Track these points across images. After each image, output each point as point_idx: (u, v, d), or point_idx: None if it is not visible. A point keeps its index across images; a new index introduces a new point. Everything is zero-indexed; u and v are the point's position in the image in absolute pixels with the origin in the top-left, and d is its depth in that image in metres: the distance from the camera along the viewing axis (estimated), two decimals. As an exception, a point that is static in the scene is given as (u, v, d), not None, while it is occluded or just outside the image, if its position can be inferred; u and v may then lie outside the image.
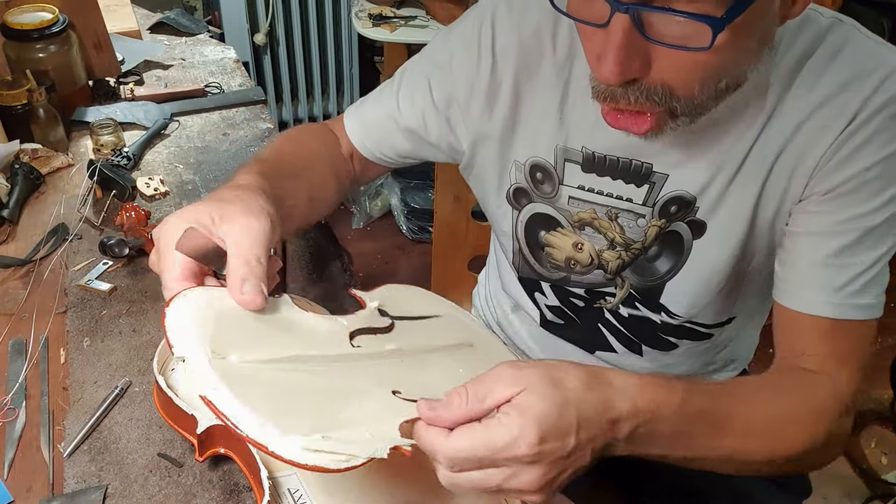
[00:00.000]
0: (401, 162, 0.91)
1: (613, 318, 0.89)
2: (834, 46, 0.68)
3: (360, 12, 2.31)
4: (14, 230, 1.05)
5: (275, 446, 0.49)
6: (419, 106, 0.85)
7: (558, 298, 0.92)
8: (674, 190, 0.76)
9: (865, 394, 2.04)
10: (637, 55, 0.57)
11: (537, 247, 0.87)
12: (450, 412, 0.53)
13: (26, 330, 0.88)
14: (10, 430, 0.76)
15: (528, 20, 0.78)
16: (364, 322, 0.68)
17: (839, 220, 0.68)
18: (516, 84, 0.79)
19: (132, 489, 0.71)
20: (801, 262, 0.71)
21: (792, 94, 0.69)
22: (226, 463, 0.73)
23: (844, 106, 0.66)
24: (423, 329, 0.73)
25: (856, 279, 0.69)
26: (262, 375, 0.55)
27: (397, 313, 0.72)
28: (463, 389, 0.53)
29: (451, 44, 0.83)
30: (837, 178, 0.68)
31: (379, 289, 0.75)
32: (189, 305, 0.58)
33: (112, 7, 1.55)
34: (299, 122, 2.88)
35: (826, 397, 0.69)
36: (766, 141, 0.70)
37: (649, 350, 0.91)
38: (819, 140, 0.68)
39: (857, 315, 0.70)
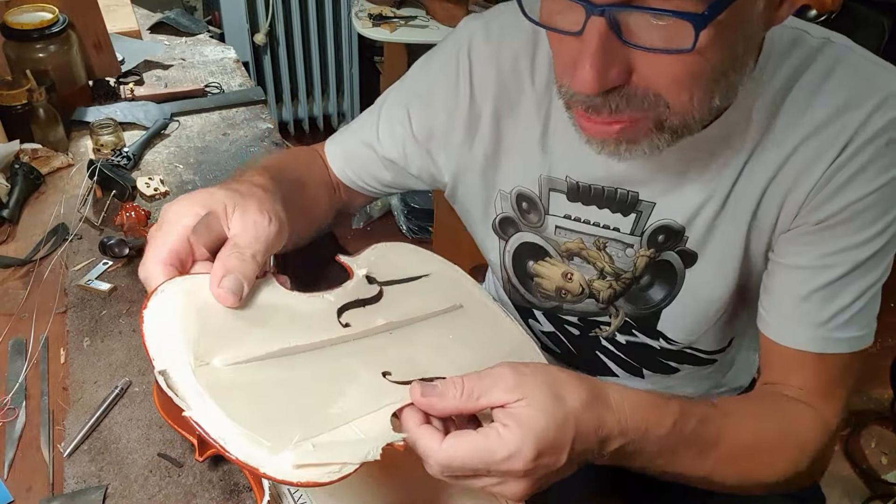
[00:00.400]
0: (385, 191, 0.91)
1: (611, 345, 0.88)
2: (825, 69, 0.65)
3: (360, 12, 2.31)
4: (14, 230, 1.05)
5: (266, 468, 0.48)
6: (399, 137, 0.84)
7: (553, 326, 0.90)
8: (661, 219, 0.73)
9: (865, 394, 2.04)
10: (615, 62, 0.54)
11: (526, 277, 0.86)
12: (442, 403, 0.52)
13: (26, 330, 0.88)
14: (10, 430, 0.76)
15: (505, 49, 0.77)
16: (352, 294, 0.66)
17: (828, 252, 0.66)
18: (496, 115, 0.78)
19: (132, 489, 0.71)
20: (787, 295, 0.69)
21: (781, 120, 0.66)
22: (226, 463, 0.73)
23: (837, 134, 0.63)
24: (412, 293, 0.71)
25: (842, 312, 0.67)
26: (249, 378, 0.54)
27: (385, 278, 0.70)
28: (460, 381, 0.53)
29: (430, 73, 0.82)
30: (828, 209, 0.65)
31: (365, 252, 0.73)
32: (168, 304, 0.56)
33: (112, 7, 1.55)
34: (299, 122, 2.88)
35: (812, 427, 0.68)
36: (755, 169, 0.68)
37: (651, 374, 0.89)
38: (810, 169, 0.65)
39: (843, 348, 0.68)
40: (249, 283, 0.58)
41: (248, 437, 0.49)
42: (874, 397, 2.03)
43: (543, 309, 0.89)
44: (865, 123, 0.62)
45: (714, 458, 0.62)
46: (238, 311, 0.58)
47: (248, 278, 0.58)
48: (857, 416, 1.99)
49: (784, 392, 0.70)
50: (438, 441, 0.51)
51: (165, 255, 0.58)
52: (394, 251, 0.76)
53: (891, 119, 0.62)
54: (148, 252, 0.59)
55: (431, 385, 0.53)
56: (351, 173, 0.89)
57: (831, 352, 0.68)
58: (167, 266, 0.58)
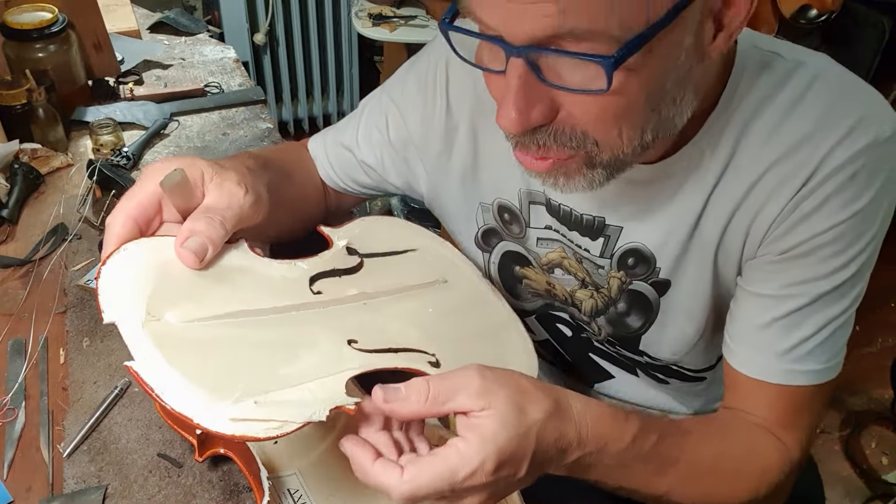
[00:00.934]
0: (368, 193, 0.90)
1: (602, 346, 0.87)
2: (794, 95, 0.63)
3: (360, 12, 2.31)
4: (13, 230, 1.05)
5: (200, 418, 0.47)
6: (376, 142, 0.84)
7: (545, 330, 0.90)
8: (629, 242, 0.72)
9: (865, 394, 2.04)
10: (538, 101, 0.53)
11: (514, 281, 0.85)
12: (406, 408, 0.52)
13: (26, 330, 0.88)
14: (10, 431, 0.76)
15: None
16: (328, 264, 0.65)
17: (790, 282, 0.65)
18: (473, 127, 0.78)
19: (132, 489, 0.71)
20: (748, 322, 0.68)
21: (748, 148, 0.64)
22: (225, 463, 0.73)
23: (802, 164, 0.61)
24: (394, 266, 0.69)
25: (803, 344, 0.65)
26: (201, 334, 0.53)
27: (368, 250, 0.69)
28: (424, 386, 0.52)
29: (408, 82, 0.82)
30: (791, 240, 0.63)
31: (350, 223, 0.72)
32: (127, 262, 0.55)
33: (111, 7, 1.54)
34: (299, 122, 2.88)
35: (773, 455, 0.67)
36: (721, 195, 0.66)
37: (644, 377, 0.88)
38: (774, 198, 0.63)
39: (804, 381, 0.66)
40: (215, 248, 0.57)
41: (188, 388, 0.48)
42: (874, 397, 2.03)
43: (535, 311, 0.88)
44: (830, 154, 0.60)
45: (672, 477, 0.61)
46: (202, 272, 0.57)
47: (214, 242, 0.57)
48: (857, 416, 1.99)
49: (747, 418, 0.69)
50: (398, 475, 0.50)
51: (132, 206, 0.58)
52: (381, 224, 0.74)
53: (856, 151, 0.60)
54: (119, 203, 0.59)
55: (394, 388, 0.52)
56: (332, 174, 0.89)
57: (791, 384, 0.66)
58: (129, 218, 0.58)
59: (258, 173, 0.68)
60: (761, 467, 0.66)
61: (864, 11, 1.94)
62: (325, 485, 0.67)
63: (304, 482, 0.67)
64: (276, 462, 0.68)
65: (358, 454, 0.52)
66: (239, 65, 1.54)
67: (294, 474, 0.67)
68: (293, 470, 0.68)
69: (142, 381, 0.48)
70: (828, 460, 1.88)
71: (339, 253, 0.67)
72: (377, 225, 0.73)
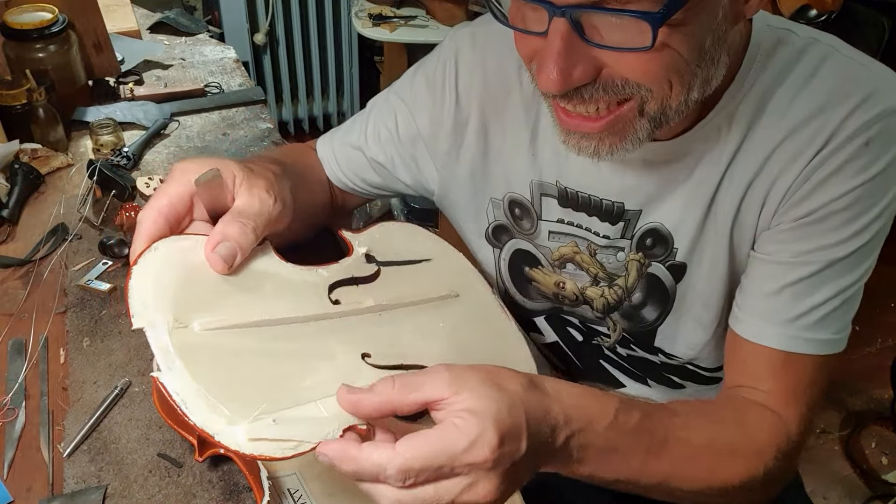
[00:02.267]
0: (376, 193, 0.91)
1: (613, 354, 0.87)
2: (809, 69, 0.65)
3: (360, 12, 2.31)
4: (14, 230, 1.05)
5: (221, 437, 0.48)
6: (385, 141, 0.84)
7: (556, 332, 0.89)
8: (649, 222, 0.73)
9: (865, 394, 2.04)
10: (580, 61, 0.54)
11: (524, 281, 0.85)
12: (372, 398, 0.49)
13: (26, 330, 0.88)
14: (10, 431, 0.76)
15: (491, 55, 0.77)
16: (347, 272, 0.66)
17: (803, 250, 0.65)
18: (483, 121, 0.78)
19: (132, 489, 0.71)
20: (758, 289, 0.68)
21: (763, 122, 0.66)
22: (226, 463, 0.73)
23: (816, 132, 0.63)
24: (409, 276, 0.70)
25: (813, 311, 0.65)
26: (224, 344, 0.54)
27: (385, 258, 0.70)
28: (390, 380, 0.50)
29: (417, 81, 0.82)
30: (806, 206, 0.64)
31: (370, 229, 0.72)
32: (156, 262, 0.56)
33: (112, 7, 1.54)
34: (299, 122, 2.88)
35: (771, 434, 0.66)
36: (737, 170, 0.67)
37: (657, 385, 0.87)
38: (790, 167, 0.64)
39: (811, 349, 0.66)
40: (243, 254, 0.58)
41: (209, 403, 0.49)
42: (874, 397, 2.03)
43: (545, 313, 0.88)
44: (844, 122, 0.62)
45: (666, 460, 0.59)
46: (227, 277, 0.58)
47: (244, 248, 0.58)
48: (857, 416, 1.98)
49: (747, 396, 0.68)
50: (391, 447, 0.47)
51: (164, 204, 0.59)
52: (401, 231, 0.74)
53: (869, 119, 0.62)
54: (150, 200, 0.60)
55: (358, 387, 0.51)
56: (341, 174, 0.89)
57: (799, 352, 0.66)
58: (161, 215, 0.59)
59: (283, 180, 0.69)
60: (758, 446, 0.65)
61: (864, 11, 1.94)
62: (325, 485, 0.67)
63: (304, 482, 0.67)
64: (277, 462, 0.68)
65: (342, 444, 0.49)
66: (239, 65, 1.54)
67: (294, 474, 0.67)
68: (293, 470, 0.68)
69: (168, 394, 0.49)
70: (828, 460, 1.88)
71: (358, 260, 0.68)
72: (398, 231, 0.74)
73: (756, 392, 0.68)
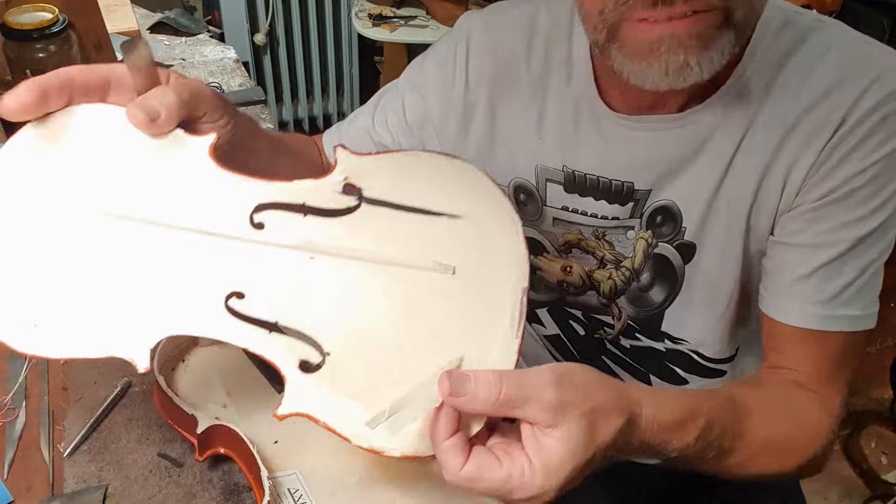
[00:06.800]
0: None
1: (616, 349, 0.87)
2: (819, 48, 0.66)
3: (360, 12, 2.31)
4: (14, 230, 1.05)
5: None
6: (393, 126, 0.84)
7: (557, 325, 0.89)
8: (658, 200, 0.73)
9: (865, 394, 2.04)
10: None
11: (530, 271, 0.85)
12: (470, 406, 0.48)
13: (26, 330, 0.88)
14: (10, 430, 0.76)
15: (502, 39, 0.77)
16: (300, 195, 0.50)
17: (828, 229, 0.66)
18: (491, 104, 0.78)
19: (132, 489, 0.71)
20: (789, 273, 0.68)
21: (775, 99, 0.66)
22: (226, 463, 0.73)
23: (833, 110, 0.64)
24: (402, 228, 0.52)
25: (845, 290, 0.67)
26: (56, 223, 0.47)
27: (380, 195, 0.51)
28: (497, 387, 0.47)
29: (426, 65, 0.83)
30: (827, 185, 0.65)
31: (386, 153, 0.53)
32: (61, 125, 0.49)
33: (112, 7, 1.54)
34: (299, 122, 2.88)
35: (819, 417, 0.68)
36: (751, 150, 0.68)
37: (659, 382, 0.87)
38: (809, 146, 0.65)
39: (846, 326, 0.67)
40: (168, 114, 0.50)
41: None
42: (874, 397, 2.03)
43: (548, 304, 0.88)
44: (861, 98, 0.63)
45: (727, 464, 0.61)
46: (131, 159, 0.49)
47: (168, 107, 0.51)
48: (857, 416, 1.98)
49: (789, 378, 0.69)
50: (460, 464, 0.48)
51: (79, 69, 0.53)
52: (435, 168, 0.53)
53: (886, 94, 0.63)
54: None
55: (463, 377, 0.47)
56: None
57: (833, 329, 0.67)
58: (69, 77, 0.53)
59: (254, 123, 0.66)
60: (811, 432, 0.67)
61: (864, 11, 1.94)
62: (325, 485, 0.67)
63: (304, 482, 0.67)
64: (277, 461, 0.68)
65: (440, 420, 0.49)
66: (239, 65, 1.54)
67: (294, 474, 0.67)
68: (293, 469, 0.68)
69: None
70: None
71: (329, 185, 0.51)
72: (427, 167, 0.53)
73: (797, 374, 0.69)
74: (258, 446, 0.65)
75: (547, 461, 0.47)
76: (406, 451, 0.49)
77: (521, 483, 0.48)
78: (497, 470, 0.48)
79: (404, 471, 0.68)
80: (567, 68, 0.75)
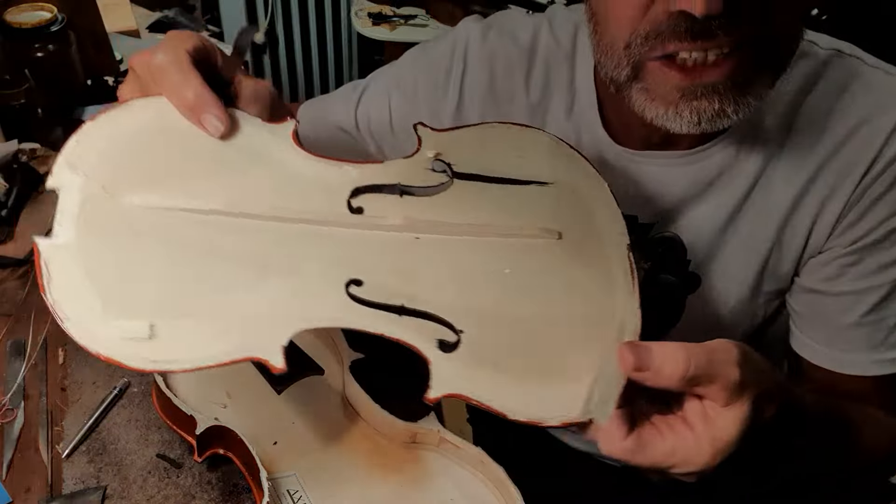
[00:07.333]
0: None
1: None
2: (838, 83, 0.63)
3: (359, 11, 2.31)
4: (12, 230, 1.04)
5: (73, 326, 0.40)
6: (376, 128, 0.80)
7: None
8: (661, 233, 0.71)
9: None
10: None
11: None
12: (654, 380, 0.45)
13: (25, 330, 0.88)
14: (9, 431, 0.76)
15: (500, 55, 0.74)
16: (393, 176, 0.50)
17: (868, 272, 0.64)
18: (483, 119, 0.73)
19: (131, 490, 0.70)
20: (833, 323, 0.67)
21: (795, 140, 0.63)
22: (225, 463, 0.73)
23: (861, 150, 0.61)
24: (496, 199, 0.51)
25: (891, 334, 0.65)
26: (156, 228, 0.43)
27: (469, 168, 0.51)
28: (686, 359, 0.44)
29: (419, 67, 0.78)
30: (861, 228, 0.63)
31: (465, 128, 0.53)
32: (121, 121, 0.45)
33: (110, 6, 1.54)
34: (299, 122, 2.88)
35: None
36: (770, 190, 0.65)
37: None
38: (838, 190, 0.63)
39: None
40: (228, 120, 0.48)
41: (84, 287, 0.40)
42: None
43: None
44: (891, 137, 0.61)
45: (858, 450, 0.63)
46: (210, 153, 0.47)
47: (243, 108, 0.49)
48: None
49: None
50: (622, 435, 0.46)
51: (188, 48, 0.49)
52: (515, 138, 0.53)
53: None
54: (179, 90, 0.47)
55: (646, 350, 0.45)
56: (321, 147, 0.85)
57: (890, 372, 0.66)
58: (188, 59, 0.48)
59: None
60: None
61: (865, 11, 1.94)
62: (324, 485, 0.67)
63: (303, 483, 0.67)
64: (276, 462, 0.68)
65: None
66: (238, 64, 1.54)
67: (293, 475, 0.67)
68: (292, 470, 0.68)
69: (38, 265, 0.40)
70: (828, 460, 1.88)
71: (419, 163, 0.51)
72: (507, 137, 0.53)
73: None
74: (257, 447, 0.65)
75: (718, 438, 0.46)
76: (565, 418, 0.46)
77: (686, 458, 0.46)
78: (660, 443, 0.46)
79: (404, 472, 0.68)
80: (569, 95, 0.72)
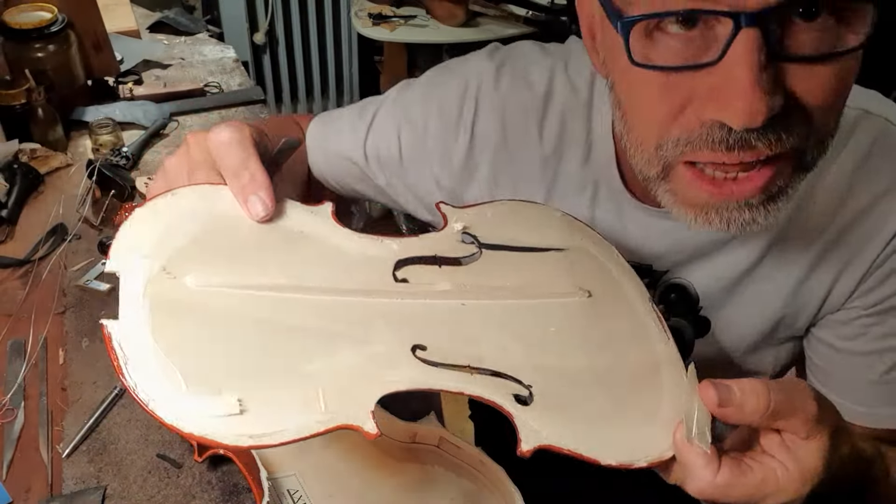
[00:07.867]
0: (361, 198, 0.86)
1: None
2: (863, 149, 0.62)
3: (359, 11, 2.31)
4: (13, 230, 1.05)
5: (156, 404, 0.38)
6: (385, 161, 0.78)
7: None
8: (674, 279, 0.71)
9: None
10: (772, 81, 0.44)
11: None
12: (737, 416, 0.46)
13: (25, 330, 0.88)
14: (9, 431, 0.76)
15: (513, 101, 0.71)
16: (430, 248, 0.52)
17: (886, 333, 0.65)
18: (494, 173, 0.73)
19: (131, 490, 0.70)
20: (855, 380, 0.67)
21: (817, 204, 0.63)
22: (225, 463, 0.73)
23: (885, 217, 0.61)
24: (524, 266, 0.55)
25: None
26: (218, 305, 0.43)
27: (493, 240, 0.55)
28: (765, 398, 0.45)
29: (429, 106, 0.75)
30: (883, 292, 0.64)
31: (481, 205, 0.57)
32: (171, 207, 0.46)
33: (111, 6, 1.54)
34: (299, 122, 2.88)
35: None
36: (788, 249, 0.65)
37: None
38: (859, 256, 0.63)
39: None
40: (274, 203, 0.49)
41: (162, 366, 0.39)
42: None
43: None
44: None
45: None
46: (259, 233, 0.48)
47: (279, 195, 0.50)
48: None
49: None
50: (714, 472, 0.46)
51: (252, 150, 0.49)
52: (526, 212, 0.58)
53: None
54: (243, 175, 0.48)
55: (727, 388, 0.46)
56: (329, 177, 0.84)
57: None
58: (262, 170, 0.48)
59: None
60: None
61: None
62: (324, 485, 0.67)
63: (303, 483, 0.67)
64: (276, 463, 0.68)
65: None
66: (238, 64, 1.54)
67: (293, 475, 0.67)
68: (293, 471, 0.68)
69: (110, 347, 0.40)
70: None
71: (449, 236, 0.54)
72: (520, 211, 0.58)
73: None
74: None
75: (805, 468, 0.47)
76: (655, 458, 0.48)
77: (779, 486, 0.47)
78: (751, 476, 0.47)
79: (404, 471, 0.68)
80: (585, 147, 0.69)
